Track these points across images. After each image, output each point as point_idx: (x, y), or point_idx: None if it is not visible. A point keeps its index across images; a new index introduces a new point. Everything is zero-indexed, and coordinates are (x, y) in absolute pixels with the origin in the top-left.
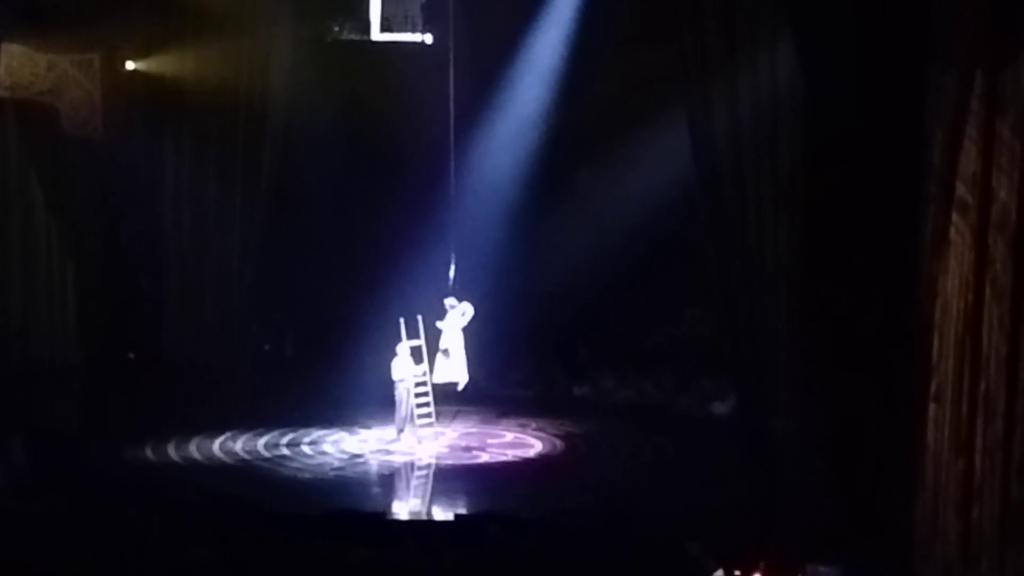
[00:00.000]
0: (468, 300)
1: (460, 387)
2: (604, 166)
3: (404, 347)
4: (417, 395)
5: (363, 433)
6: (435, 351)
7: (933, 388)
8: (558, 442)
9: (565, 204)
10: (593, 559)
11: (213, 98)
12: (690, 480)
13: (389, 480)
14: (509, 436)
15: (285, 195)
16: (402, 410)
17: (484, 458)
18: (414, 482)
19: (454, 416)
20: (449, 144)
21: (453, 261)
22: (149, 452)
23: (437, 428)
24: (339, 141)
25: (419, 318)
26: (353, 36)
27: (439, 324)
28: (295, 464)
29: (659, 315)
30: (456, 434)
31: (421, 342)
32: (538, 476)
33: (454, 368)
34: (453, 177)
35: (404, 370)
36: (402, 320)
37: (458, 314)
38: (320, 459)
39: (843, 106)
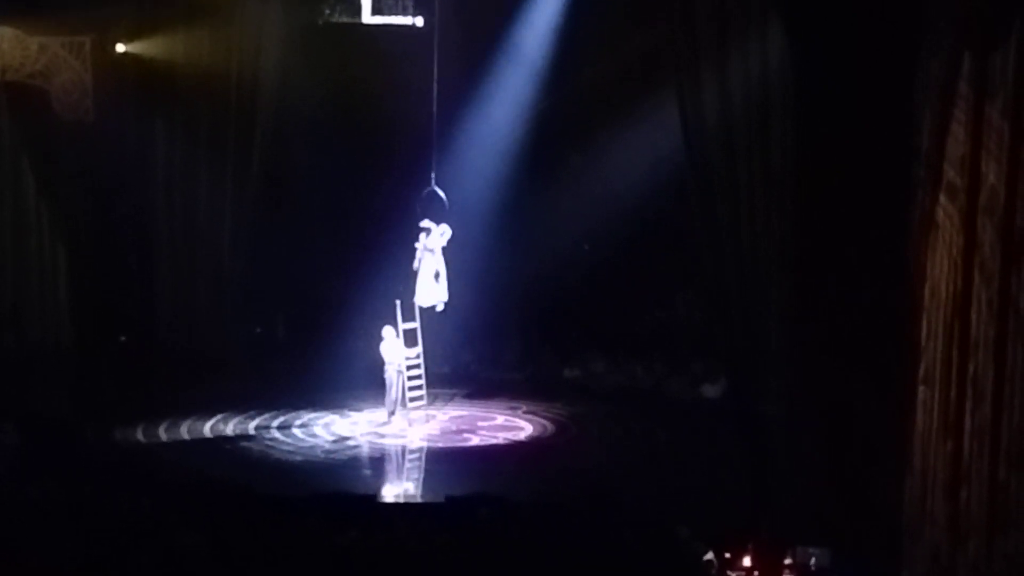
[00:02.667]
0: (459, 283)
1: (440, 308)
2: (595, 149)
3: (390, 329)
4: (410, 377)
5: (354, 416)
6: (415, 275)
7: (922, 371)
8: (548, 425)
9: (556, 187)
10: (583, 541)
11: (204, 80)
12: (680, 463)
13: (380, 462)
14: (499, 419)
15: (276, 177)
16: (392, 392)
17: (475, 441)
18: (405, 464)
19: (450, 399)
20: (436, 126)
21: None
22: (140, 435)
23: (428, 411)
24: (330, 123)
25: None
26: (344, 19)
27: (416, 246)
28: (286, 447)
29: (650, 299)
30: (447, 417)
31: (416, 324)
32: (528, 459)
33: (439, 290)
34: (434, 157)
35: (393, 352)
36: (398, 302)
37: (436, 236)
38: (311, 441)
39: (833, 90)
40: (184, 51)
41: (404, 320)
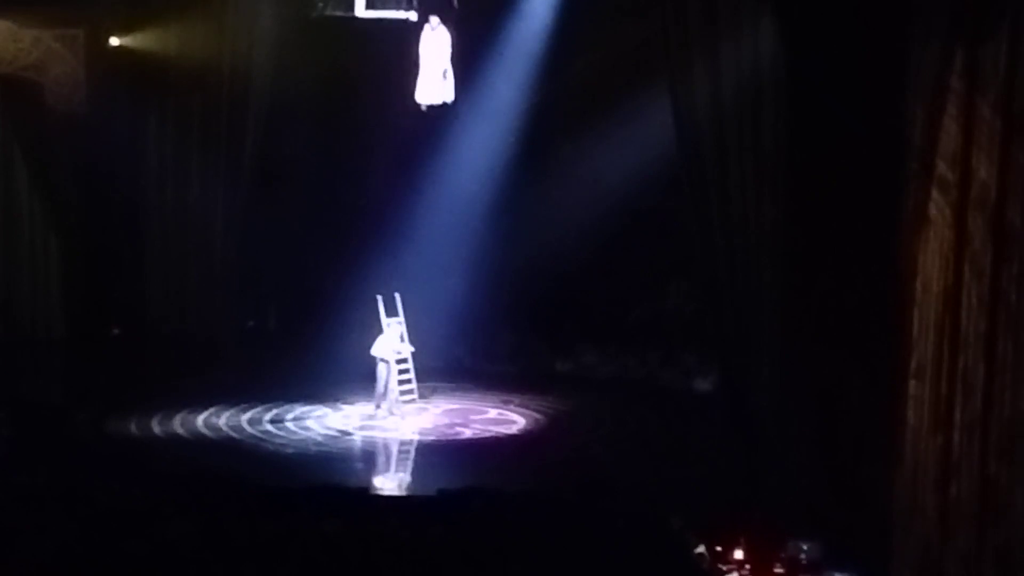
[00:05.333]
0: (452, 274)
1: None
2: (587, 140)
3: (391, 323)
4: (400, 371)
5: (346, 409)
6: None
7: (913, 365)
8: (541, 418)
9: (548, 178)
10: (576, 534)
11: (197, 73)
12: (672, 455)
13: (372, 456)
14: (492, 412)
15: (269, 170)
16: (379, 385)
17: (467, 434)
18: (397, 458)
19: (433, 391)
20: (431, 118)
21: None
22: (132, 426)
23: (420, 404)
24: (323, 117)
25: (396, 296)
26: (338, 12)
27: (421, 42)
28: (278, 439)
29: (642, 290)
30: (439, 410)
31: (400, 318)
32: (521, 451)
33: (445, 88)
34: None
35: (381, 345)
36: (379, 297)
37: (443, 32)
38: (303, 434)
39: (825, 82)
40: (177, 44)
41: (388, 315)
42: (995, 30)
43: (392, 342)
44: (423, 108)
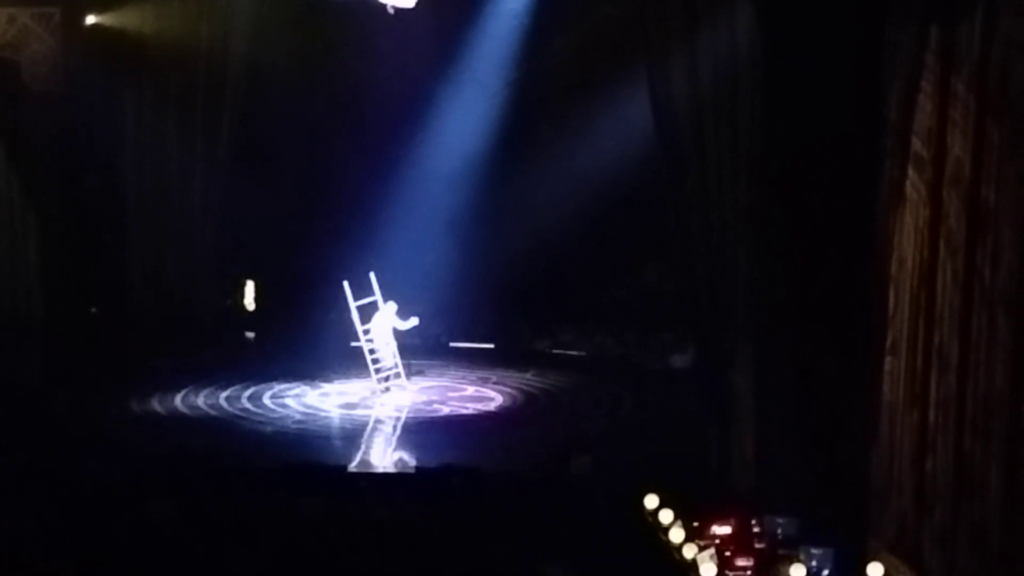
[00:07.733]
0: (431, 253)
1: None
2: (567, 121)
3: (391, 304)
4: (371, 351)
5: (325, 387)
6: None
7: (889, 341)
8: (518, 395)
9: (528, 159)
10: (553, 511)
11: (174, 51)
12: (649, 432)
13: (350, 433)
14: (470, 390)
15: (247, 149)
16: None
17: (445, 411)
18: (375, 435)
19: (429, 368)
20: (410, 98)
21: None
22: (111, 406)
23: (397, 382)
24: (301, 94)
25: (371, 275)
26: None
27: None
28: (257, 418)
29: (620, 269)
30: (417, 387)
31: (377, 298)
32: (499, 429)
33: None
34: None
35: (374, 324)
36: (346, 283)
37: None
38: (282, 412)
39: (801, 62)
40: (154, 22)
41: (356, 298)
42: (970, 9)
43: (378, 321)
44: (389, 10)
